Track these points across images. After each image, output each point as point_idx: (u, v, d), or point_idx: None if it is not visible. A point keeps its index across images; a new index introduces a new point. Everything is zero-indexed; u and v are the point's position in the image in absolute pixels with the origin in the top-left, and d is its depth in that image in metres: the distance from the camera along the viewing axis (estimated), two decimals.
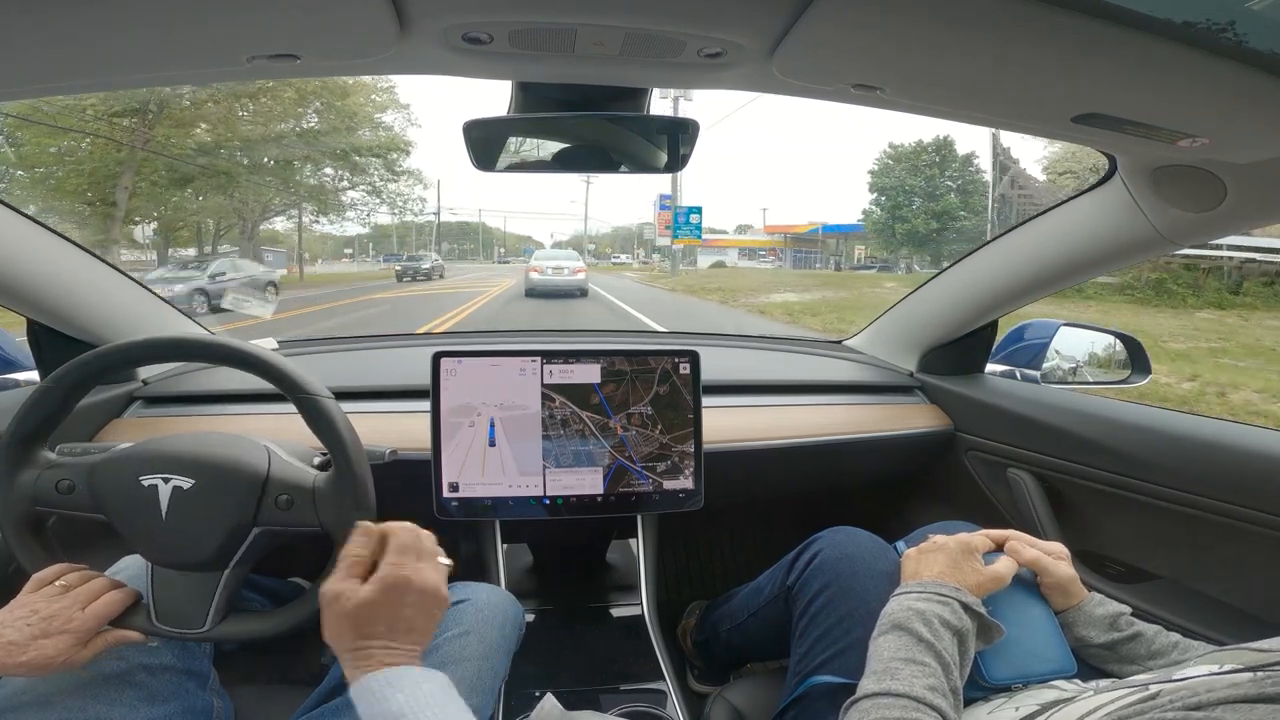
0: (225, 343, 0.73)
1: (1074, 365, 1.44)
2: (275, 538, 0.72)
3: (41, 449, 0.72)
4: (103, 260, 1.14)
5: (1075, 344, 1.43)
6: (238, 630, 0.71)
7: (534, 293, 14.33)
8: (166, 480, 0.68)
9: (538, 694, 0.85)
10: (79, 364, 0.71)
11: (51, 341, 1.10)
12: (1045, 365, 1.40)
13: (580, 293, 14.58)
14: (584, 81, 0.73)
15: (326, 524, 0.70)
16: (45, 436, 0.72)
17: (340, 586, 0.60)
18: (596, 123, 0.82)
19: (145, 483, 0.68)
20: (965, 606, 0.72)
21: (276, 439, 0.77)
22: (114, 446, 0.73)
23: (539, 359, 1.10)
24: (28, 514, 0.70)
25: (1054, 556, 0.82)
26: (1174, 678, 0.59)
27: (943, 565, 0.78)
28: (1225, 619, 0.96)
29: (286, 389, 0.71)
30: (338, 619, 0.60)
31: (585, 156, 0.87)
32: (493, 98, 0.81)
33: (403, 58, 0.62)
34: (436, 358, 1.07)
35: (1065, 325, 1.42)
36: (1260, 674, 0.52)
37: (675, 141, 0.85)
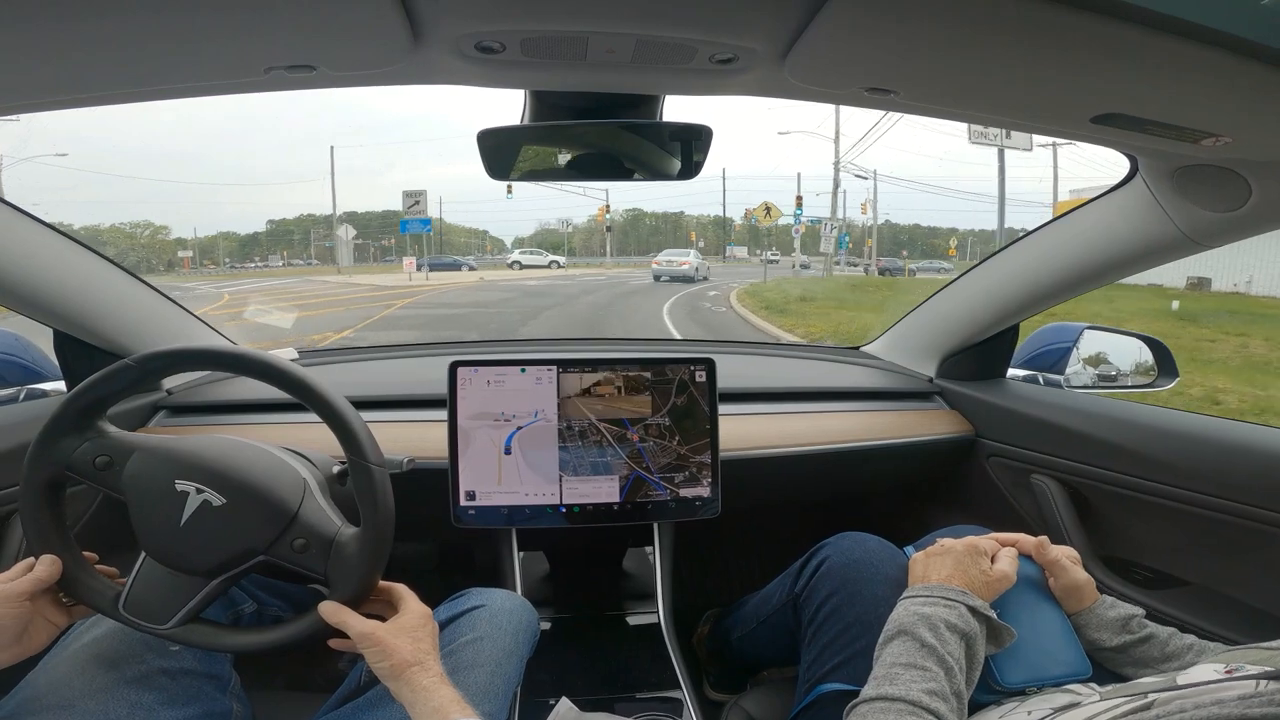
0: (283, 369, 0.72)
1: (1099, 369, 1.41)
2: (273, 566, 0.71)
3: (96, 420, 0.72)
4: (127, 271, 1.16)
5: (1100, 347, 1.41)
6: (194, 637, 0.70)
7: (659, 278, 20.78)
8: (200, 491, 0.68)
9: (552, 701, 0.84)
10: (168, 353, 0.72)
11: (77, 351, 1.12)
12: (1069, 369, 1.37)
13: (688, 280, 20.40)
14: (596, 89, 0.74)
15: (331, 579, 0.69)
16: (102, 411, 0.72)
17: (371, 626, 0.67)
18: (609, 130, 0.83)
19: (179, 487, 0.68)
20: (972, 610, 0.71)
21: (306, 451, 0.78)
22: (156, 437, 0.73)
23: (555, 368, 1.10)
24: (54, 476, 0.70)
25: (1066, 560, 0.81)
26: (1177, 683, 0.59)
27: (950, 568, 0.77)
28: (1258, 625, 0.93)
29: (351, 449, 0.70)
30: (393, 640, 0.66)
31: (598, 164, 0.87)
32: (507, 106, 0.82)
33: (417, 68, 0.63)
34: (454, 367, 1.08)
35: (1089, 328, 1.39)
36: (1257, 685, 0.51)
37: (689, 148, 0.84)
